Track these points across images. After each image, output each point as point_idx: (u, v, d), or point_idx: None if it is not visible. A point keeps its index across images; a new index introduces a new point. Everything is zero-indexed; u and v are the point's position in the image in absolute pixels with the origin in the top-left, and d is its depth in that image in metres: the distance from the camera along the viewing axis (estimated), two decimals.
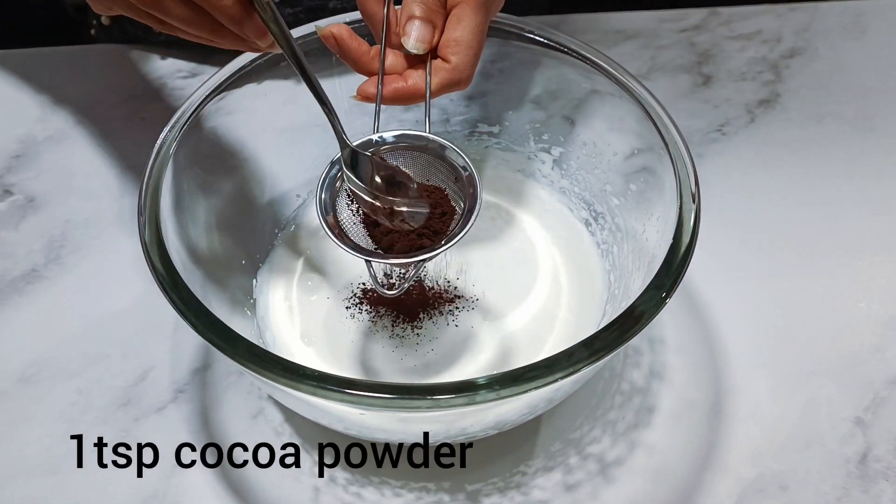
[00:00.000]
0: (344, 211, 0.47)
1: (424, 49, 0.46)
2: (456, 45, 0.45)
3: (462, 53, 0.45)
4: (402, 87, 0.46)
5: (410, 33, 0.45)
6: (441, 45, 0.46)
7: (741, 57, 0.76)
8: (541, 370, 0.40)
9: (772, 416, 0.53)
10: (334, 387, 0.40)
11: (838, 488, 0.50)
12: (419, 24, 0.45)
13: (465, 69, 0.46)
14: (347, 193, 0.47)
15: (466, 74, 0.46)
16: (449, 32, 0.46)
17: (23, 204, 0.65)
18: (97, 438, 0.52)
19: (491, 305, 0.55)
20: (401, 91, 0.46)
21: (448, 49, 0.46)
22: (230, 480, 0.51)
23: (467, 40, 0.45)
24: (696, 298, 0.59)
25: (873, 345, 0.57)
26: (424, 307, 0.54)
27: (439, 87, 0.46)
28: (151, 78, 0.74)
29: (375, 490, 0.51)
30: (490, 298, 0.55)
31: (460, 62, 0.45)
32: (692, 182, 0.48)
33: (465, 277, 0.56)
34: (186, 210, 0.50)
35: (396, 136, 0.47)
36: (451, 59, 0.46)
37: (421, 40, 0.45)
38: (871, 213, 0.64)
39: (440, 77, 0.46)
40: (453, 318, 0.54)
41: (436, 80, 0.46)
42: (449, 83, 0.46)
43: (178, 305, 0.43)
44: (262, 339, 0.53)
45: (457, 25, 0.45)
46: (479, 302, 0.55)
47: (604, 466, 0.51)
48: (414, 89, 0.46)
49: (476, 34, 0.46)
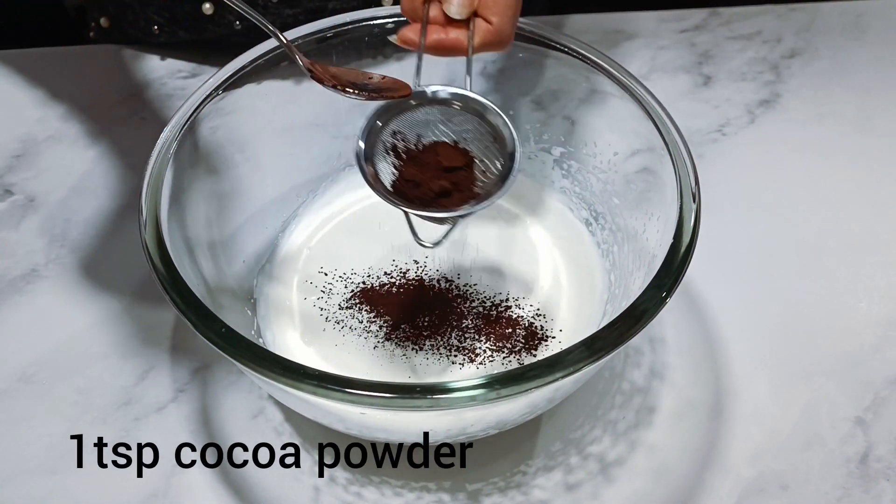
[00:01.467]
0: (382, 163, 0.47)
1: (467, 14, 0.47)
2: (495, 6, 0.46)
3: (502, 14, 0.47)
4: (443, 38, 0.47)
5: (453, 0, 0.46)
6: (481, 6, 0.47)
7: (741, 57, 0.76)
8: (541, 370, 0.40)
9: (772, 415, 0.53)
10: (334, 386, 0.40)
11: (839, 488, 0.50)
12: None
13: (506, 30, 0.47)
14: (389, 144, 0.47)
15: (507, 35, 0.47)
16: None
17: (23, 203, 0.65)
18: (97, 438, 0.52)
19: (491, 305, 0.55)
20: (443, 42, 0.47)
21: (488, 10, 0.47)
22: (230, 480, 0.51)
23: (506, 1, 0.47)
24: (696, 298, 0.59)
25: (874, 344, 0.57)
26: (424, 307, 0.54)
27: (481, 46, 0.47)
28: (151, 78, 0.74)
29: (376, 490, 0.50)
30: (490, 298, 0.55)
31: (501, 24, 0.47)
32: (692, 182, 0.48)
33: (465, 277, 0.56)
34: (186, 209, 0.50)
35: (436, 91, 0.48)
36: (493, 20, 0.46)
37: (462, 4, 0.46)
38: (872, 214, 0.64)
39: (482, 37, 0.47)
40: (453, 318, 0.54)
41: (477, 39, 0.47)
42: (490, 43, 0.47)
43: (179, 304, 0.43)
44: (263, 339, 0.53)
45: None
46: (479, 302, 0.55)
47: (604, 466, 0.51)
48: (455, 42, 0.47)
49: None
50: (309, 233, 0.59)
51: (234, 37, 0.73)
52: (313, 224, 0.60)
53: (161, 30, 0.74)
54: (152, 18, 0.73)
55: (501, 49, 0.48)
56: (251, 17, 0.46)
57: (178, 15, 0.72)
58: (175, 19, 0.73)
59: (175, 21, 0.73)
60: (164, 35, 0.74)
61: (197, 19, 0.72)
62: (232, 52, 0.55)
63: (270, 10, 0.71)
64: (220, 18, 0.72)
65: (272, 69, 0.55)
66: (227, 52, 0.56)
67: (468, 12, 0.47)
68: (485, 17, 0.47)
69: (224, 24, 0.72)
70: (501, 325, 0.54)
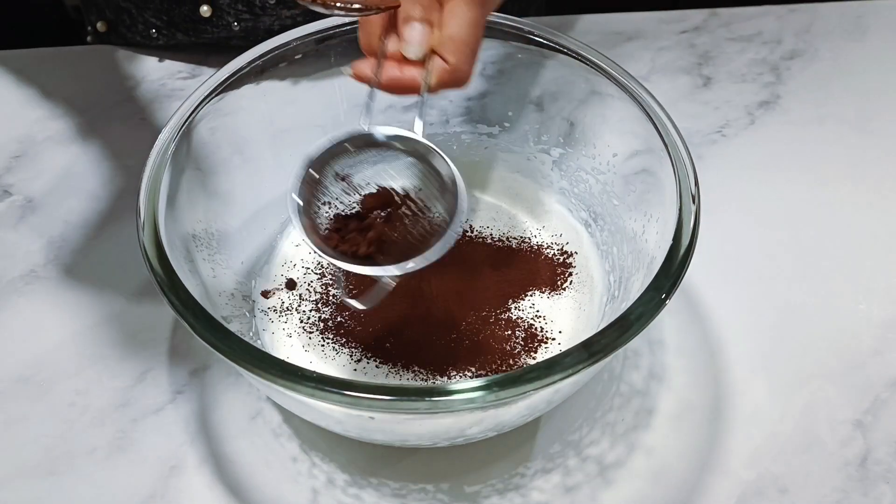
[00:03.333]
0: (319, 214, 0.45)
1: (423, 53, 0.44)
2: (451, 43, 0.43)
3: (458, 53, 0.44)
4: (399, 76, 0.45)
5: (410, 38, 0.44)
6: (438, 44, 0.44)
7: (741, 58, 0.76)
8: (540, 372, 0.40)
9: (771, 418, 0.53)
10: (332, 388, 0.40)
11: (838, 491, 0.50)
12: (419, 27, 0.44)
13: (463, 69, 0.44)
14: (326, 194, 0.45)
15: (464, 74, 0.44)
16: (445, 29, 0.44)
17: (22, 204, 0.65)
18: (95, 439, 0.52)
19: (490, 306, 0.54)
20: (398, 80, 0.45)
21: (444, 47, 0.44)
22: (228, 482, 0.51)
23: (463, 38, 0.43)
24: (695, 300, 0.59)
25: (873, 347, 0.57)
26: (424, 309, 0.54)
27: (437, 85, 0.44)
28: (151, 79, 0.74)
29: (374, 491, 0.50)
30: (489, 299, 0.55)
31: (458, 62, 0.44)
32: (692, 183, 0.48)
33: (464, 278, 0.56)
34: (184, 211, 0.50)
35: (387, 135, 0.45)
36: (450, 59, 0.44)
37: (420, 43, 0.44)
38: (872, 215, 0.64)
39: (438, 76, 0.44)
40: (453, 320, 0.54)
41: (434, 79, 0.44)
42: (446, 82, 0.44)
43: (176, 306, 0.43)
44: (261, 341, 0.53)
45: (451, 21, 0.44)
46: (479, 303, 0.55)
47: (603, 468, 0.51)
48: (410, 81, 0.44)
49: (472, 29, 0.44)
50: None
51: (233, 39, 0.73)
52: None
53: (159, 33, 0.74)
54: (150, 22, 0.73)
55: (458, 87, 0.45)
56: None
57: (176, 18, 0.72)
58: (173, 22, 0.73)
59: (173, 24, 0.73)
60: (162, 38, 0.74)
61: (195, 22, 0.72)
62: (231, 53, 0.54)
63: (268, 11, 0.71)
64: (218, 20, 0.72)
65: (271, 70, 0.55)
66: (225, 53, 0.56)
67: (423, 51, 0.44)
68: (441, 56, 0.44)
69: (222, 27, 0.72)
70: (500, 327, 0.53)
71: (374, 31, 0.45)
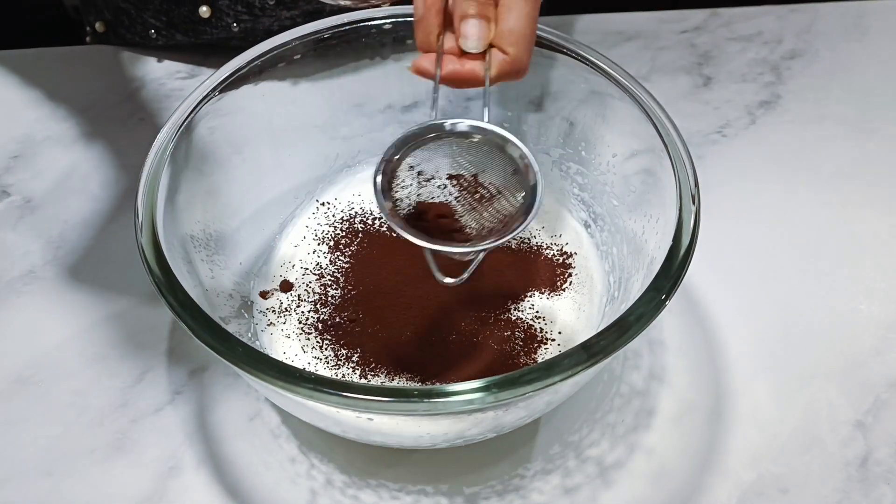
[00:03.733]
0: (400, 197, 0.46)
1: (484, 46, 0.46)
2: (510, 36, 0.45)
3: (518, 44, 0.45)
4: (459, 69, 0.46)
5: (468, 34, 0.45)
6: (496, 37, 0.46)
7: (741, 58, 0.76)
8: (539, 373, 0.40)
9: (772, 418, 0.53)
10: (331, 390, 0.39)
11: (838, 492, 0.50)
12: (476, 23, 0.45)
13: (523, 59, 0.46)
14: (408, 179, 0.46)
15: (524, 65, 0.46)
16: (502, 23, 0.45)
17: (20, 205, 0.65)
18: (94, 440, 0.52)
19: (489, 308, 0.54)
20: (459, 73, 0.46)
21: (503, 40, 0.45)
22: (227, 483, 0.51)
23: (521, 30, 0.45)
24: (695, 300, 0.59)
25: (874, 347, 0.57)
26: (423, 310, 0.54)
27: (497, 77, 0.46)
28: (150, 79, 0.74)
29: (373, 493, 0.50)
30: (489, 300, 0.55)
31: (518, 53, 0.45)
32: (692, 184, 0.47)
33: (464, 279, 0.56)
34: (183, 211, 0.50)
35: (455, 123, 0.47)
36: (510, 51, 0.45)
37: (479, 38, 0.45)
38: (872, 215, 0.64)
39: (498, 68, 0.46)
40: (452, 321, 0.54)
41: (494, 71, 0.46)
42: (507, 73, 0.46)
43: (175, 308, 0.43)
44: (259, 342, 0.53)
45: (508, 15, 0.45)
46: (478, 304, 0.54)
47: (603, 469, 0.51)
48: (471, 74, 0.46)
49: (529, 22, 0.46)
50: (307, 235, 0.59)
51: (233, 40, 0.73)
52: (311, 226, 0.60)
53: (158, 34, 0.73)
54: (149, 22, 0.73)
55: (518, 78, 0.47)
56: None
57: (175, 18, 0.72)
58: (172, 23, 0.73)
59: (172, 25, 0.73)
60: (161, 39, 0.74)
61: (194, 22, 0.72)
62: (230, 54, 0.54)
63: (268, 12, 0.71)
64: (218, 21, 0.72)
65: (270, 70, 0.55)
66: (225, 53, 0.56)
67: (484, 45, 0.46)
68: (501, 48, 0.46)
69: (221, 28, 0.72)
70: (500, 328, 0.53)
71: (431, 30, 0.46)
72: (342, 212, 0.60)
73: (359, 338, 0.53)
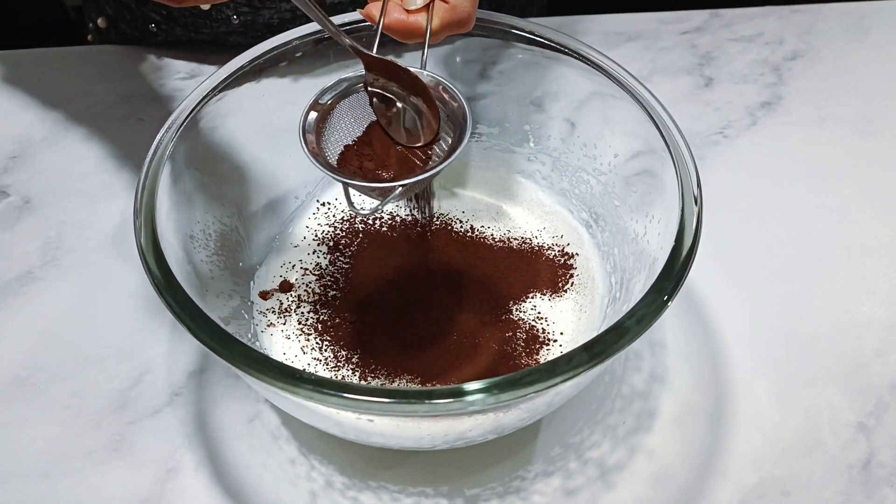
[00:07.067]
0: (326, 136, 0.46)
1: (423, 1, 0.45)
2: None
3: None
4: (402, 19, 0.46)
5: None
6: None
7: (743, 59, 0.76)
8: (540, 374, 0.40)
9: (773, 420, 0.53)
10: (331, 391, 0.39)
11: (841, 494, 0.50)
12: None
13: (465, 7, 0.45)
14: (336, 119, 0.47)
15: (467, 13, 0.46)
16: None
17: (18, 205, 0.65)
18: (91, 442, 0.52)
19: (491, 308, 0.54)
20: (403, 24, 0.46)
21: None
22: (226, 485, 0.50)
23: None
24: (697, 302, 0.58)
25: (876, 349, 0.56)
26: (423, 310, 0.54)
27: (441, 27, 0.45)
28: (150, 79, 0.74)
29: (373, 495, 0.50)
30: (490, 301, 0.55)
31: (459, 1, 0.45)
32: (694, 184, 0.47)
33: (464, 280, 0.56)
34: (183, 212, 0.50)
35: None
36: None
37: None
38: (874, 217, 0.64)
39: (440, 16, 0.45)
40: (452, 321, 0.53)
41: (436, 21, 0.45)
42: (450, 23, 0.45)
43: (174, 308, 0.43)
44: (259, 343, 0.53)
45: None
46: (479, 305, 0.54)
47: (604, 471, 0.51)
48: (414, 25, 0.45)
49: None
50: (307, 235, 0.59)
51: (232, 35, 0.72)
52: (311, 226, 0.59)
53: (158, 28, 0.73)
54: (149, 16, 0.73)
55: (463, 29, 0.46)
56: None
57: (175, 12, 0.72)
58: (172, 16, 0.73)
59: (172, 18, 0.73)
60: (161, 33, 0.74)
61: (194, 16, 0.72)
62: (230, 52, 0.54)
63: (267, 4, 0.70)
64: (218, 14, 0.71)
65: (270, 70, 0.55)
66: (225, 52, 0.55)
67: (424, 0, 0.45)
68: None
69: (221, 21, 0.72)
70: (501, 329, 0.53)
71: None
72: (342, 212, 0.60)
73: (359, 339, 0.53)
